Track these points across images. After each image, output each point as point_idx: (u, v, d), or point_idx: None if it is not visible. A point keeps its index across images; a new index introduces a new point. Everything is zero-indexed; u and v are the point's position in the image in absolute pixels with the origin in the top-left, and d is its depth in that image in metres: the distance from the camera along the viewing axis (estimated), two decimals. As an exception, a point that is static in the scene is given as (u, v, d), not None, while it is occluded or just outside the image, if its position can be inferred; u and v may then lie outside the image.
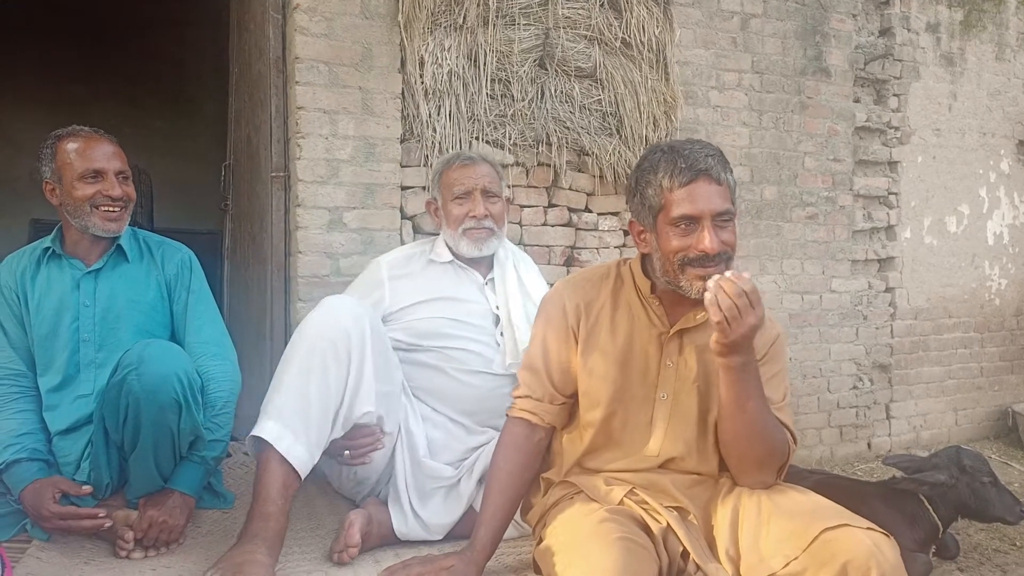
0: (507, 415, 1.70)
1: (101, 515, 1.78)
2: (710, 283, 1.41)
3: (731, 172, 1.53)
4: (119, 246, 2.02)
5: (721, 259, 1.48)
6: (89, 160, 1.95)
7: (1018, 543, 2.86)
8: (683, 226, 1.47)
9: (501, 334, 2.11)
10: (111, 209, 1.97)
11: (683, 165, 1.47)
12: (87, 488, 1.85)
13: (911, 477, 2.50)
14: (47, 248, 2.02)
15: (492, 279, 2.20)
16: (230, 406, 2.01)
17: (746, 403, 1.47)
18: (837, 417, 3.95)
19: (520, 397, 1.68)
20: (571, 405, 1.68)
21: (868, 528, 1.35)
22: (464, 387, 2.07)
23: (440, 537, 1.93)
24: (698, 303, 1.57)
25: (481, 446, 2.03)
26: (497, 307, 2.15)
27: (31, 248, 2.05)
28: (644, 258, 1.63)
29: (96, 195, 1.95)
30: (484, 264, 2.22)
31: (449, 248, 2.20)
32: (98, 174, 1.96)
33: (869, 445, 4.05)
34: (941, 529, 2.51)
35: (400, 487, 1.95)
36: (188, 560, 1.82)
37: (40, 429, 1.94)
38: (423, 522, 1.92)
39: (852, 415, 3.99)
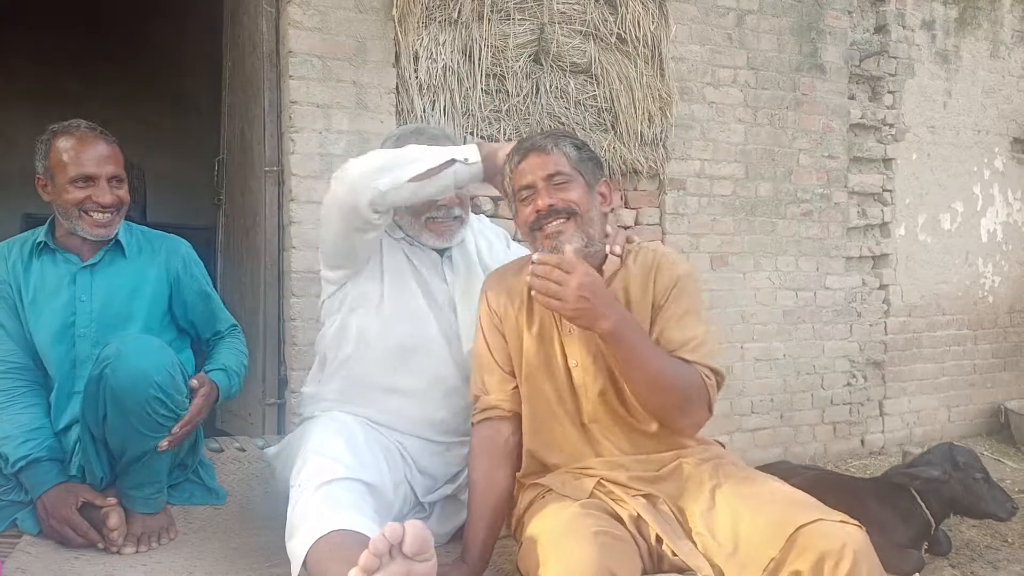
0: (472, 424, 1.70)
1: (114, 548, 1.79)
2: (528, 271, 1.49)
3: (571, 144, 1.63)
4: (117, 241, 1.99)
5: (559, 214, 1.58)
6: (81, 164, 1.88)
7: (1009, 539, 2.87)
8: (524, 196, 1.62)
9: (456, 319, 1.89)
10: (101, 215, 1.91)
11: (518, 147, 1.65)
12: (111, 500, 1.83)
13: (904, 472, 2.51)
14: (40, 242, 1.97)
15: (450, 256, 1.93)
16: (247, 370, 2.10)
17: (635, 362, 1.50)
18: (831, 414, 3.95)
19: (476, 398, 1.71)
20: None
21: (841, 521, 1.36)
22: (431, 409, 1.86)
23: (443, 543, 1.87)
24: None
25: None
26: (455, 292, 1.90)
27: (21, 240, 2.00)
28: None
29: (86, 200, 1.89)
30: None
31: (400, 227, 1.91)
32: (90, 179, 1.89)
33: (862, 442, 4.06)
34: (933, 525, 2.52)
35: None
36: (179, 556, 1.82)
37: (49, 423, 1.92)
38: None
39: (846, 412, 4.00)
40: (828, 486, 2.36)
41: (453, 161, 1.68)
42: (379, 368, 1.85)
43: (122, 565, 1.76)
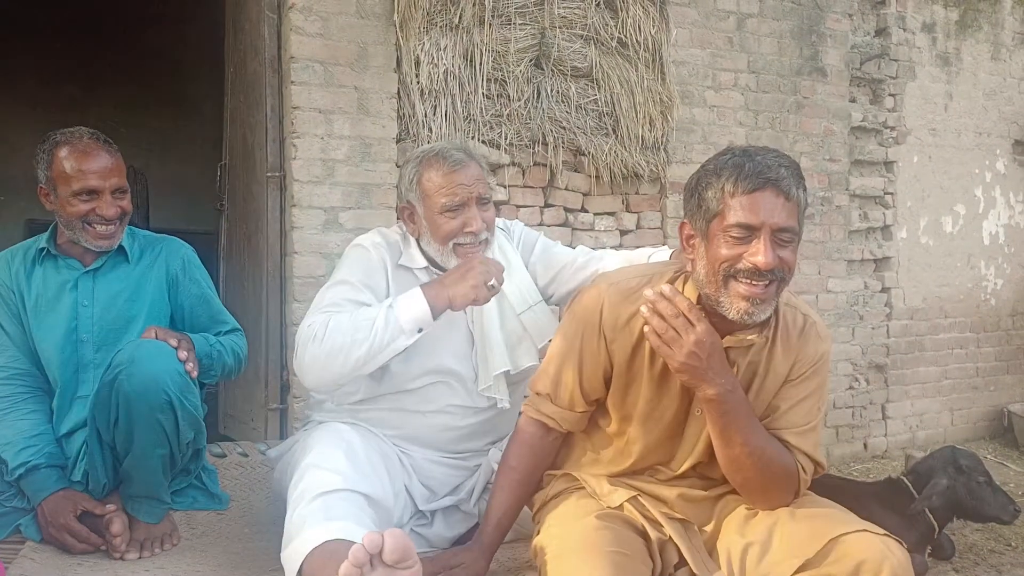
0: (522, 411, 1.65)
1: (118, 554, 1.78)
2: (647, 293, 1.39)
3: (804, 189, 1.41)
4: (120, 246, 1.99)
5: (773, 278, 1.38)
6: (84, 178, 1.87)
7: (1013, 543, 2.87)
8: (737, 235, 1.36)
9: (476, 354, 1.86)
10: (104, 227, 1.91)
11: (750, 171, 1.36)
12: (111, 507, 1.82)
13: (920, 498, 2.48)
14: (42, 248, 1.97)
15: None
16: (239, 362, 2.05)
17: (732, 436, 1.43)
18: (833, 417, 3.95)
19: (539, 395, 1.59)
20: (593, 411, 1.61)
21: (885, 534, 1.37)
22: (440, 430, 1.85)
23: (447, 547, 1.86)
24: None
25: (479, 464, 1.92)
26: (472, 322, 1.86)
27: (24, 247, 2.01)
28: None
29: (90, 213, 1.89)
30: None
31: (423, 252, 1.85)
32: (93, 192, 1.88)
33: (865, 445, 4.05)
34: (937, 529, 2.51)
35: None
36: (182, 561, 1.82)
37: (51, 429, 1.92)
38: (425, 539, 1.86)
39: (848, 415, 4.00)
40: (831, 490, 2.35)
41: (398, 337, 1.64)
42: (390, 395, 1.85)
43: (125, 571, 1.76)
